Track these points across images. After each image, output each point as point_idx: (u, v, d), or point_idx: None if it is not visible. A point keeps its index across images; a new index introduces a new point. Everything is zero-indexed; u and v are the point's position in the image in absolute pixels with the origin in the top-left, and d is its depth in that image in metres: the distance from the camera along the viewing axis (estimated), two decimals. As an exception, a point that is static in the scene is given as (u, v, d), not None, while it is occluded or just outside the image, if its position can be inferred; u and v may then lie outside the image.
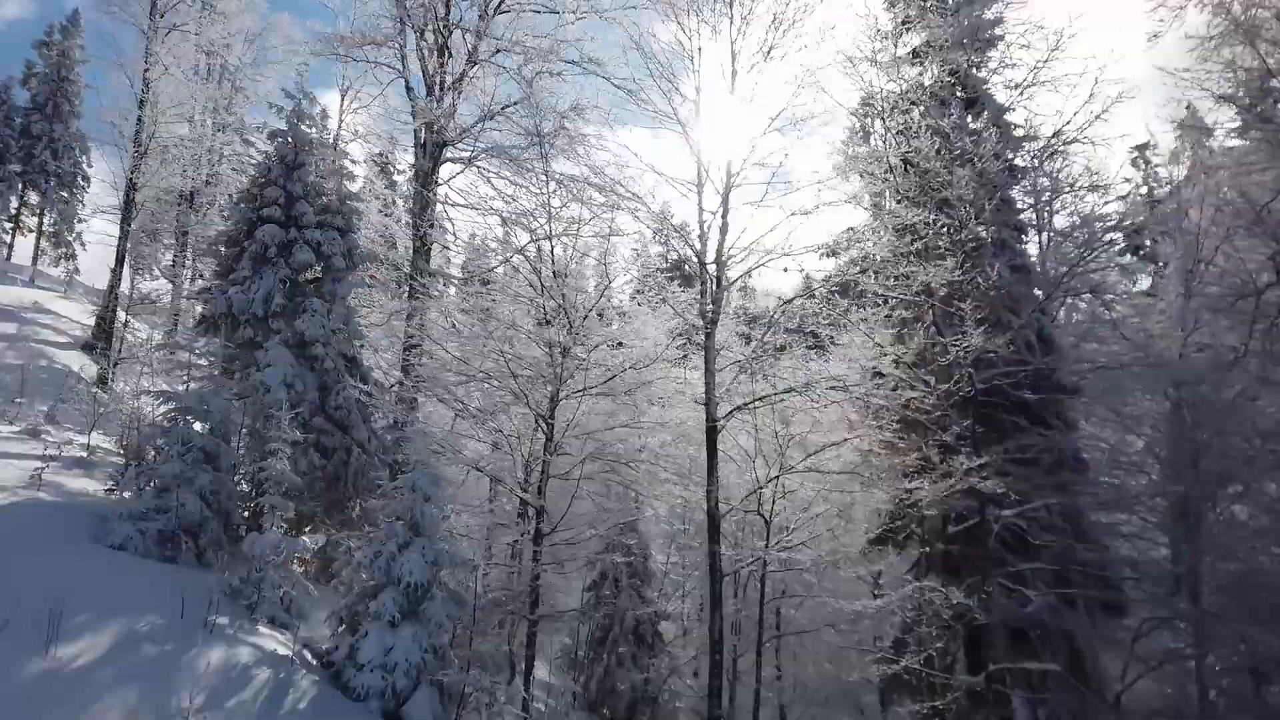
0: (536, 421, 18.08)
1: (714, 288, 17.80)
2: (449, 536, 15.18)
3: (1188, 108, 53.48)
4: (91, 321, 32.71)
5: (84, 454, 19.87)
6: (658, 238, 18.70)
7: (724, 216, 17.96)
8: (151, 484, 15.52)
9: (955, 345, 16.13)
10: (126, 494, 16.12)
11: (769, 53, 17.43)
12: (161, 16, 31.07)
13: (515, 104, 23.21)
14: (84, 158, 55.85)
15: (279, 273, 19.88)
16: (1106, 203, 21.11)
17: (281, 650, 13.08)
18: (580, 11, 24.57)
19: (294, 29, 39.71)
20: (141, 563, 14.00)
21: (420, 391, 22.42)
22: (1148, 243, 35.68)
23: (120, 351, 29.50)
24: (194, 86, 33.68)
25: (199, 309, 20.43)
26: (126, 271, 32.24)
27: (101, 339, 29.38)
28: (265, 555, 14.17)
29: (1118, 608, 18.91)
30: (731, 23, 18.19)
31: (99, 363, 28.40)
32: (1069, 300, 20.71)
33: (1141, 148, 52.75)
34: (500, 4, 24.39)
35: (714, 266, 17.80)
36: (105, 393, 26.38)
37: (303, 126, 21.35)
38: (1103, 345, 21.07)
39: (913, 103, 20.52)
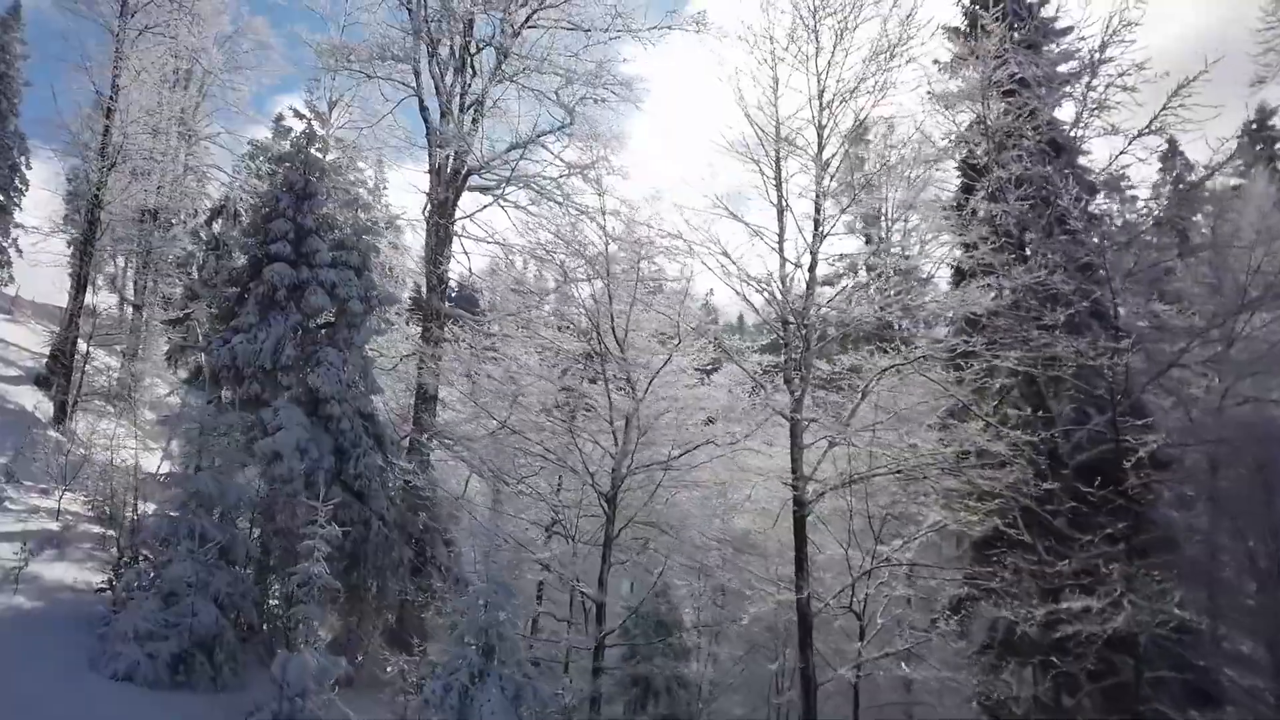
0: (598, 501, 15.78)
1: (802, 350, 15.70)
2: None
3: (1169, 142, 52.49)
4: (45, 349, 29.50)
5: (55, 525, 17.15)
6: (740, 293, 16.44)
7: (811, 269, 15.93)
8: (155, 585, 12.91)
9: (1135, 441, 14.22)
10: (121, 589, 13.52)
11: (876, 81, 15.46)
12: (132, 16, 28.07)
13: (559, 129, 20.95)
14: (22, 159, 52.03)
15: (289, 319, 17.34)
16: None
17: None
18: (614, 31, 22.45)
19: (268, 33, 37.05)
20: (152, 696, 11.47)
21: (438, 449, 20.10)
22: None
23: (81, 386, 26.38)
24: (164, 93, 30.62)
25: (201, 361, 17.73)
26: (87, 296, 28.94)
27: (59, 372, 26.21)
28: (302, 683, 11.68)
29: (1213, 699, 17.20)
30: (819, 51, 16.17)
31: (56, 402, 25.29)
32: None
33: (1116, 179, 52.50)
34: (528, 19, 22.09)
35: (801, 328, 15.71)
36: (64, 435, 23.45)
37: (313, 150, 18.84)
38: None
39: (997, 143, 18.63)
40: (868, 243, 31.62)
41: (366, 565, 17.06)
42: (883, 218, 30.15)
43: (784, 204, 16.25)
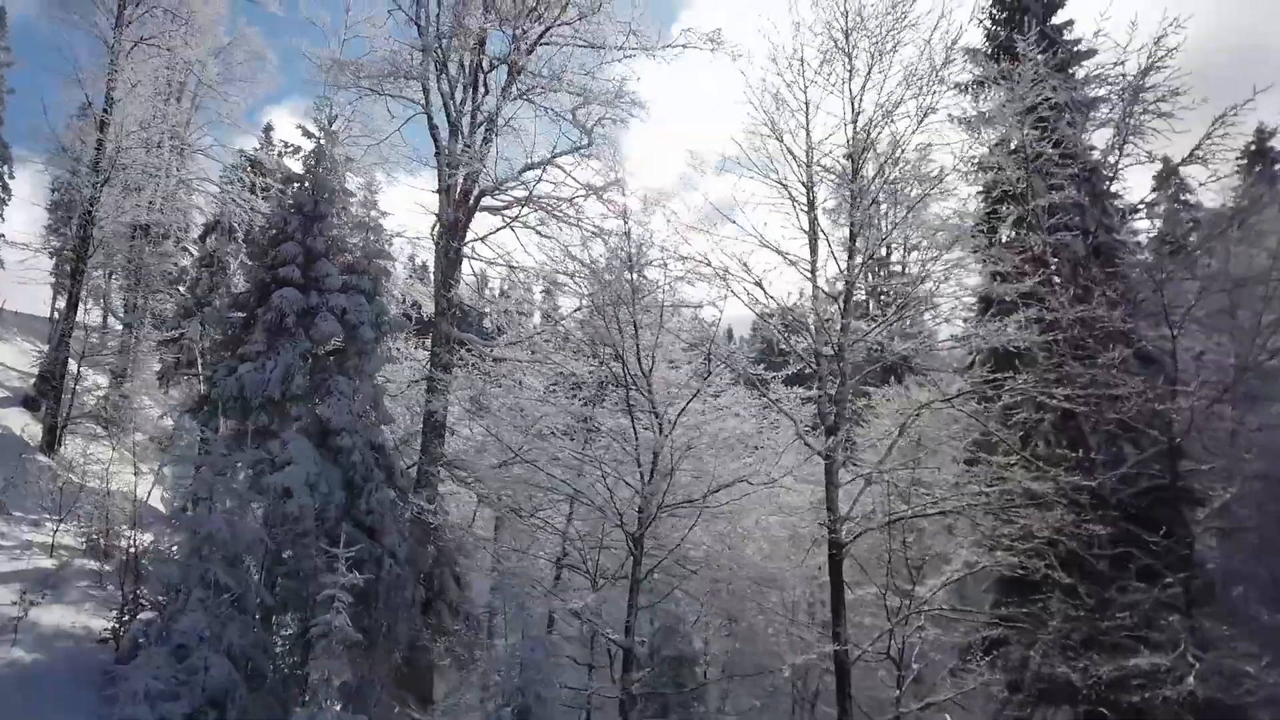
0: (624, 541, 15.10)
1: (837, 385, 15.11)
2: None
3: (1164, 160, 52.06)
4: (33, 368, 28.54)
5: (49, 561, 16.32)
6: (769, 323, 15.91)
7: (846, 300, 15.39)
8: (165, 638, 12.11)
9: (1202, 488, 13.73)
10: (127, 640, 12.77)
11: (918, 104, 14.99)
12: (128, 27, 27.23)
13: (576, 150, 20.29)
14: (5, 167, 50.95)
15: (298, 346, 16.57)
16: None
17: None
18: (628, 49, 21.85)
19: (262, 44, 36.21)
20: (164, 762, 10.68)
21: (451, 480, 19.39)
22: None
23: (71, 407, 25.44)
24: (159, 106, 29.71)
25: (200, 385, 16.96)
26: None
27: (48, 394, 25.27)
28: (323, 745, 10.96)
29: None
30: (853, 73, 15.66)
31: (46, 425, 24.34)
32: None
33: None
34: (541, 35, 21.48)
35: (838, 361, 15.11)
36: (55, 462, 22.59)
37: (321, 170, 18.10)
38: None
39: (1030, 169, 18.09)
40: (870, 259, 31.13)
41: (379, 606, 16.20)
42: (884, 239, 29.76)
43: (816, 230, 15.72)
